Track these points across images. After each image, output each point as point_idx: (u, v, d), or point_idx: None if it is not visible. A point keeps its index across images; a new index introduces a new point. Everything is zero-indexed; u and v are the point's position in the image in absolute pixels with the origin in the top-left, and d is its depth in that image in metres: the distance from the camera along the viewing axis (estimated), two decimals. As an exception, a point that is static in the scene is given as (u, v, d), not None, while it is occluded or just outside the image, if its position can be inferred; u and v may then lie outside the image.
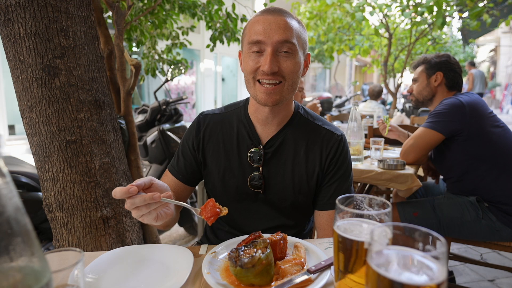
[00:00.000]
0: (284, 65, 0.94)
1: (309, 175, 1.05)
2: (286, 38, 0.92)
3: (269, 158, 1.05)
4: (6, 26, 1.30)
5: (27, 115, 1.38)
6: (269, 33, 0.92)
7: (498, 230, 1.66)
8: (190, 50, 10.91)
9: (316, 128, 1.08)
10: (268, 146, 1.05)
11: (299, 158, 1.05)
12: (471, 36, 8.04)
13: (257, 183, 1.05)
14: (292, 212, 1.10)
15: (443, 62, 1.89)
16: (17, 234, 0.38)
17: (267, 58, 0.92)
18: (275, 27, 0.92)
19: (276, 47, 0.93)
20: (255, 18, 0.97)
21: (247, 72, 0.98)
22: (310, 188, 1.07)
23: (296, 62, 0.96)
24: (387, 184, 1.78)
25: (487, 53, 23.05)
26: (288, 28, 0.93)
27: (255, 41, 0.94)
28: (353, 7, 4.95)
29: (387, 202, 0.61)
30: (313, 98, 7.86)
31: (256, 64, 0.95)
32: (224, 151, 1.08)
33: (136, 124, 2.94)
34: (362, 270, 0.58)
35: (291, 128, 1.07)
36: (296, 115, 1.09)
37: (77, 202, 1.43)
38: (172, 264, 0.81)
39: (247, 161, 1.05)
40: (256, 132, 1.07)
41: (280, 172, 1.05)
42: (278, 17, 0.94)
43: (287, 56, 0.94)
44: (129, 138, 1.84)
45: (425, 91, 1.94)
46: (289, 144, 1.06)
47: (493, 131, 1.69)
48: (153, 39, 2.91)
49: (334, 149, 1.06)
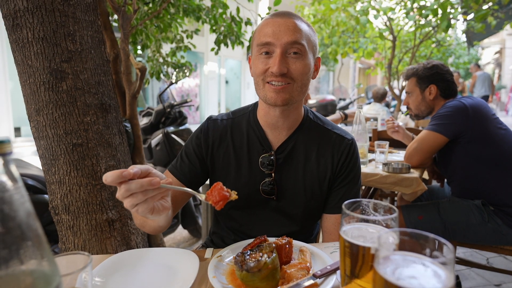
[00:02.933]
0: (293, 66, 0.94)
1: (320, 180, 1.05)
2: (295, 39, 0.92)
3: (281, 163, 1.04)
4: (15, 31, 1.32)
5: (34, 119, 1.39)
6: (278, 35, 0.92)
7: (504, 234, 1.64)
8: (194, 52, 10.95)
9: (327, 133, 1.08)
10: (280, 151, 1.04)
11: (311, 163, 1.05)
12: (476, 38, 8.01)
13: (269, 189, 1.03)
14: (303, 219, 1.08)
15: (433, 75, 1.88)
16: (28, 238, 0.39)
17: (276, 59, 0.92)
18: (284, 28, 0.93)
19: (285, 48, 0.93)
20: (265, 21, 0.97)
21: (257, 74, 0.97)
22: (322, 193, 1.06)
23: (305, 63, 0.95)
24: (392, 188, 1.78)
25: (492, 55, 22.92)
26: (297, 29, 0.93)
27: (264, 42, 0.94)
28: (357, 10, 4.95)
29: (393, 207, 0.61)
30: (316, 101, 7.86)
31: (265, 66, 0.95)
32: (234, 157, 1.06)
33: (141, 127, 2.95)
34: (369, 275, 0.58)
35: (301, 133, 1.06)
36: (306, 120, 1.08)
37: (83, 204, 1.44)
38: (178, 268, 0.82)
39: (258, 167, 1.04)
40: (266, 137, 1.05)
41: (292, 177, 1.04)
42: (287, 20, 0.94)
43: (296, 57, 0.94)
44: (134, 141, 1.85)
45: (422, 106, 1.95)
46: (300, 149, 1.05)
47: (496, 133, 1.68)
48: (158, 42, 2.93)
49: (345, 153, 1.05)
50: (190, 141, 1.10)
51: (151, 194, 0.69)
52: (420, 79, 1.92)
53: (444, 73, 1.88)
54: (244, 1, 2.88)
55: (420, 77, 1.92)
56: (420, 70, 1.93)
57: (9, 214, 0.37)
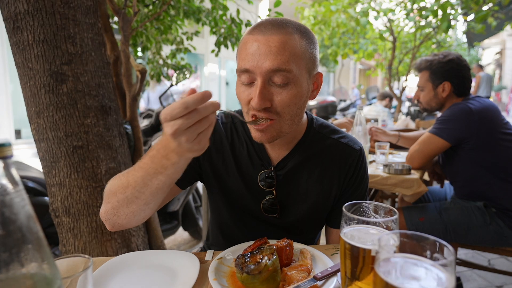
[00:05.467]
0: (278, 98, 0.78)
1: (325, 196, 0.96)
2: (279, 65, 0.74)
3: (282, 180, 0.94)
4: (15, 34, 1.32)
5: (35, 121, 1.39)
6: (258, 60, 0.75)
7: (506, 236, 1.64)
8: (194, 54, 10.97)
9: (333, 143, 0.96)
10: (280, 167, 0.94)
11: (314, 179, 0.95)
12: (476, 39, 8.01)
13: (270, 208, 0.95)
14: (305, 233, 1.03)
15: (449, 71, 1.77)
16: (29, 241, 0.39)
17: (256, 91, 0.76)
18: (265, 50, 0.74)
19: (267, 77, 0.76)
20: (246, 37, 0.80)
21: (241, 104, 0.84)
22: (326, 208, 0.98)
23: (294, 93, 0.78)
24: (392, 189, 1.77)
25: (492, 55, 22.92)
26: (281, 51, 0.74)
27: (242, 69, 0.78)
28: (358, 12, 4.96)
29: (394, 209, 0.61)
30: (317, 102, 7.86)
31: (247, 96, 0.80)
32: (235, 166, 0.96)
33: (142, 129, 2.96)
34: (370, 277, 0.58)
35: (304, 147, 0.95)
36: (309, 131, 0.96)
37: (84, 207, 1.44)
38: (178, 270, 0.82)
39: (258, 184, 0.95)
40: (266, 152, 0.95)
41: (294, 195, 0.96)
42: (270, 37, 0.75)
43: (282, 87, 0.77)
44: (134, 143, 1.85)
45: (433, 102, 1.86)
46: (303, 165, 0.94)
47: (503, 138, 1.64)
48: (158, 44, 2.94)
49: (354, 166, 0.95)
50: None
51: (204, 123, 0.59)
52: (434, 74, 1.81)
53: (460, 69, 1.77)
54: (244, 3, 2.89)
55: (434, 72, 1.81)
56: (435, 64, 1.80)
57: (9, 217, 0.37)
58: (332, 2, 5.08)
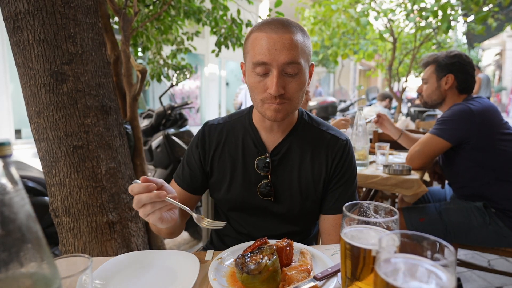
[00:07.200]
0: (289, 86, 0.92)
1: (315, 181, 1.05)
2: (292, 58, 0.89)
3: (276, 165, 1.05)
4: (16, 33, 1.32)
5: (35, 121, 1.39)
6: (274, 54, 0.89)
7: (506, 237, 1.64)
8: (194, 54, 10.97)
9: (321, 134, 1.08)
10: (274, 153, 1.05)
11: (305, 164, 1.05)
12: (476, 40, 8.01)
13: (266, 191, 1.04)
14: (300, 219, 1.10)
15: (454, 64, 1.79)
16: (28, 241, 0.39)
17: (273, 81, 0.90)
18: (280, 46, 0.88)
19: (281, 68, 0.90)
20: (258, 35, 0.92)
21: (255, 93, 0.96)
22: (317, 194, 1.06)
23: (301, 81, 0.94)
24: (392, 190, 1.77)
25: (492, 56, 22.94)
26: (293, 46, 0.89)
27: (260, 62, 0.90)
28: (358, 12, 4.96)
29: (394, 209, 0.61)
30: (317, 103, 7.86)
31: (263, 86, 0.93)
32: (230, 161, 1.07)
33: (142, 129, 2.96)
34: (370, 277, 0.58)
35: (296, 135, 1.07)
36: (300, 121, 1.09)
37: (83, 207, 1.44)
38: (178, 270, 0.82)
39: (254, 169, 1.05)
40: (261, 139, 1.07)
41: (288, 179, 1.05)
42: (282, 35, 0.89)
43: (293, 76, 0.92)
44: (134, 143, 1.85)
45: (435, 95, 1.87)
46: (295, 150, 1.06)
47: (503, 139, 1.65)
48: (158, 44, 2.94)
49: (340, 154, 1.05)
50: (190, 148, 1.13)
51: (159, 206, 0.79)
52: (439, 66, 1.83)
53: (465, 65, 1.79)
54: (244, 3, 2.89)
55: (439, 64, 1.84)
56: (441, 57, 1.84)
57: (9, 217, 0.37)
58: (333, 1, 5.09)
